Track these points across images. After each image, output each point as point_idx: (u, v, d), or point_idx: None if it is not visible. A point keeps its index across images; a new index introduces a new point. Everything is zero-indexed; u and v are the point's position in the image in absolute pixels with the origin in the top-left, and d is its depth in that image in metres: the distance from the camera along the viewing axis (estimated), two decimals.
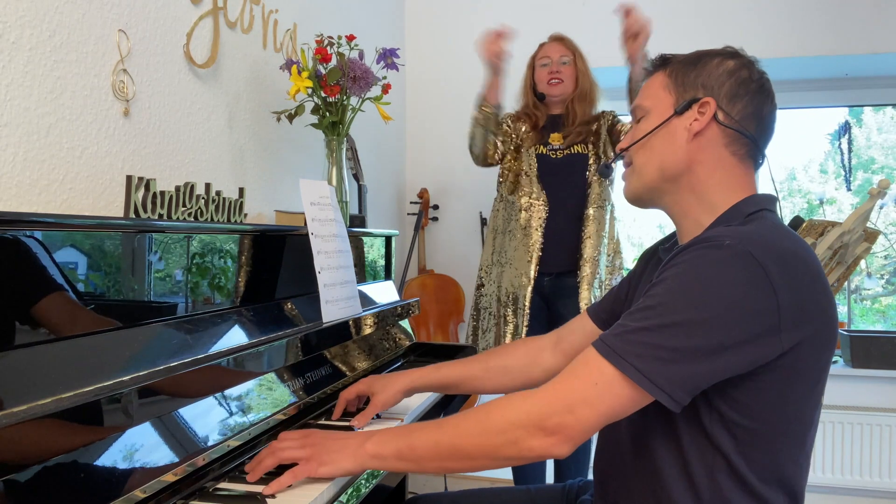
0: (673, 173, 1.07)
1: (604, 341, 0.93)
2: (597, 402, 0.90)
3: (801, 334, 0.91)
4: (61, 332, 0.87)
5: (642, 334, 0.90)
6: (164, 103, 1.54)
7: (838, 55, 2.90)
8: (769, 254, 0.90)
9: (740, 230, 0.95)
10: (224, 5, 1.73)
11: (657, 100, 1.09)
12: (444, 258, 3.26)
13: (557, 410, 0.90)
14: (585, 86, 2.41)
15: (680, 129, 1.06)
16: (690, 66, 1.07)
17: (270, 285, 1.39)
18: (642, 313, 0.92)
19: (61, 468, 0.76)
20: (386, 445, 0.99)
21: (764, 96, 1.06)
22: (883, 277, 3.37)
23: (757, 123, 1.05)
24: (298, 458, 0.99)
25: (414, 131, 3.35)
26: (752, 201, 1.03)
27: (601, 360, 0.91)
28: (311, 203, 1.47)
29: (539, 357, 1.35)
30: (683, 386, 0.89)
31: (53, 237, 0.87)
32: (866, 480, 2.89)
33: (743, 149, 1.05)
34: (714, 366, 0.89)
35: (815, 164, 3.55)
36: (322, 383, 1.36)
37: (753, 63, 1.08)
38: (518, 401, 0.94)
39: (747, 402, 0.93)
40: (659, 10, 3.04)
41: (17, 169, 1.17)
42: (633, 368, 0.89)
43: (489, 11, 3.21)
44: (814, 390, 0.97)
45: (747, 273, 0.89)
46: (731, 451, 0.94)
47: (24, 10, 1.18)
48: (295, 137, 2.11)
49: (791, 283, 0.90)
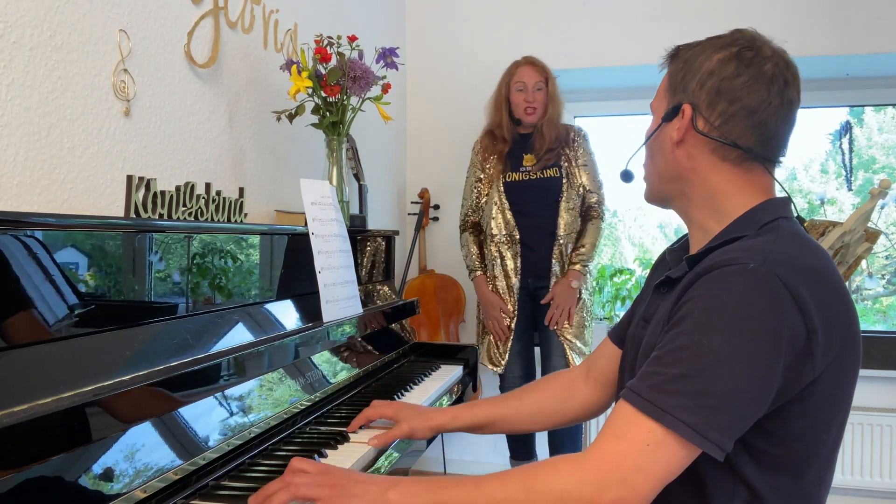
0: (671, 182, 1.04)
1: (641, 395, 0.85)
2: (651, 468, 0.82)
3: (830, 357, 0.87)
4: (61, 331, 0.87)
5: (682, 382, 0.83)
6: (165, 103, 1.54)
7: (839, 55, 2.90)
8: (796, 274, 0.85)
9: (762, 248, 0.89)
10: (225, 5, 1.73)
11: (659, 102, 1.06)
12: (444, 258, 3.26)
13: (611, 483, 0.82)
14: (554, 111, 2.61)
15: (667, 137, 1.02)
16: (683, 65, 1.02)
17: (270, 285, 1.39)
18: (675, 356, 0.85)
19: (61, 468, 0.75)
20: (412, 498, 0.88)
21: (761, 86, 0.95)
22: (884, 277, 3.37)
23: (749, 121, 0.95)
24: (316, 498, 0.89)
25: (414, 131, 3.35)
26: (766, 208, 0.97)
27: (645, 420, 0.83)
28: (312, 203, 1.47)
29: (573, 390, 1.27)
30: (733, 433, 0.83)
31: (54, 237, 0.87)
32: (867, 480, 2.89)
33: (733, 153, 0.97)
34: (760, 403, 0.84)
35: (816, 164, 3.54)
36: (322, 383, 1.36)
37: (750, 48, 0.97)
38: (567, 469, 0.85)
39: (776, 431, 0.88)
40: (658, 10, 3.04)
41: (18, 169, 1.17)
42: (683, 425, 0.81)
43: (489, 11, 3.21)
44: (841, 410, 0.93)
45: (777, 298, 0.84)
46: (757, 480, 0.89)
47: (25, 10, 1.18)
48: (295, 137, 2.11)
49: (819, 305, 0.85)
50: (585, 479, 0.83)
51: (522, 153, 2.63)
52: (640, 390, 0.85)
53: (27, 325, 0.82)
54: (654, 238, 3.79)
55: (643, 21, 3.05)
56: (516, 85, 2.61)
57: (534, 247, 2.60)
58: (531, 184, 2.60)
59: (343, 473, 0.93)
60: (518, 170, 2.63)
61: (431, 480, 0.91)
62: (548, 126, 2.60)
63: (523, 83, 2.60)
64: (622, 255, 3.77)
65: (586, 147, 2.65)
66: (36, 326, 0.83)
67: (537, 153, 2.61)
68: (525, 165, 2.62)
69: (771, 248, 0.89)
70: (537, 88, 2.59)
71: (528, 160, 2.62)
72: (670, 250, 1.13)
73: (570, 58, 3.12)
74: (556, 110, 2.62)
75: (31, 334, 0.82)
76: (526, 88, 2.59)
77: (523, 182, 2.61)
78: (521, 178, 2.62)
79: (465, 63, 3.24)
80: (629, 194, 3.47)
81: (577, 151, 2.62)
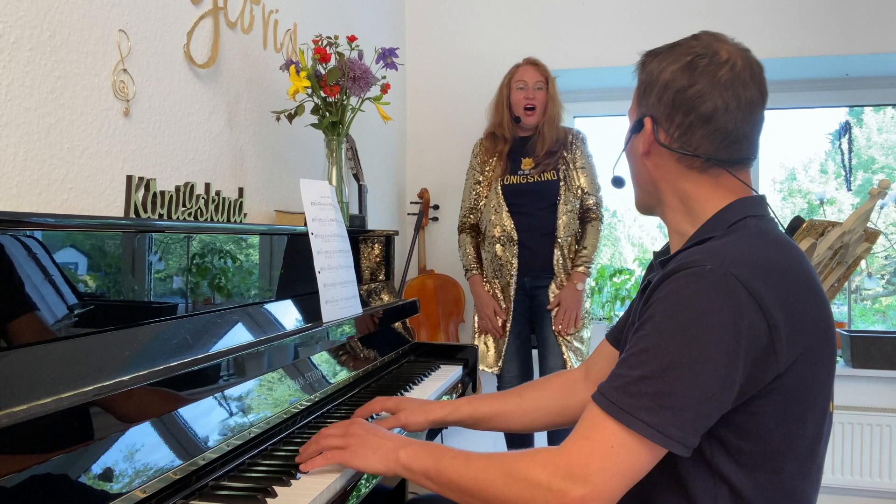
0: (647, 191, 1.06)
1: (606, 396, 0.88)
2: (616, 468, 0.85)
3: (796, 352, 0.88)
4: (60, 332, 0.87)
5: (644, 384, 0.85)
6: (165, 103, 1.54)
7: (839, 55, 2.90)
8: (753, 272, 0.87)
9: (721, 249, 0.90)
10: (224, 5, 1.73)
11: (631, 111, 1.07)
12: (443, 258, 3.26)
13: (577, 481, 0.85)
14: (554, 111, 2.64)
15: (636, 150, 1.05)
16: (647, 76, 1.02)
17: (270, 285, 1.39)
18: (638, 358, 0.88)
19: (62, 467, 0.75)
20: (417, 460, 0.99)
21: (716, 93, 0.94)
22: (883, 277, 3.37)
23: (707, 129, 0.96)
24: (337, 446, 1.04)
25: (414, 131, 3.35)
26: (734, 208, 0.97)
27: (609, 421, 0.86)
28: (312, 203, 1.47)
29: (573, 390, 1.28)
30: (695, 430, 0.85)
31: (53, 237, 0.87)
32: (866, 480, 2.89)
33: (696, 162, 0.98)
34: (722, 401, 0.86)
35: (816, 164, 3.55)
36: (322, 383, 1.36)
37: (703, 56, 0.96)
38: (542, 461, 0.89)
39: (747, 427, 0.90)
40: (658, 10, 3.04)
41: (18, 169, 1.17)
42: (644, 425, 0.84)
43: (489, 12, 3.21)
44: (816, 404, 0.93)
45: (734, 298, 0.85)
46: (736, 476, 0.91)
47: (25, 10, 1.18)
48: (295, 137, 2.11)
49: (780, 300, 0.87)
50: (556, 474, 0.86)
51: (521, 156, 2.67)
52: (606, 391, 0.89)
53: (27, 325, 0.82)
54: (654, 238, 3.79)
55: (642, 21, 3.05)
56: (517, 84, 2.64)
57: (532, 246, 2.62)
58: (529, 187, 2.64)
59: (365, 427, 1.08)
60: (517, 173, 2.66)
61: (436, 447, 1.01)
62: (548, 126, 2.63)
63: (524, 82, 2.63)
64: (622, 256, 3.77)
65: (584, 150, 2.68)
66: (35, 327, 0.83)
67: (536, 157, 2.65)
68: (523, 168, 2.65)
69: (731, 248, 0.91)
70: (538, 87, 2.62)
71: (526, 163, 2.65)
72: (656, 254, 1.16)
73: (569, 58, 3.12)
74: (555, 111, 2.65)
75: (30, 334, 0.82)
76: (526, 87, 2.62)
77: (521, 185, 2.64)
78: (519, 180, 2.65)
79: (464, 63, 3.24)
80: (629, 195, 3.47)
81: (574, 154, 2.65)
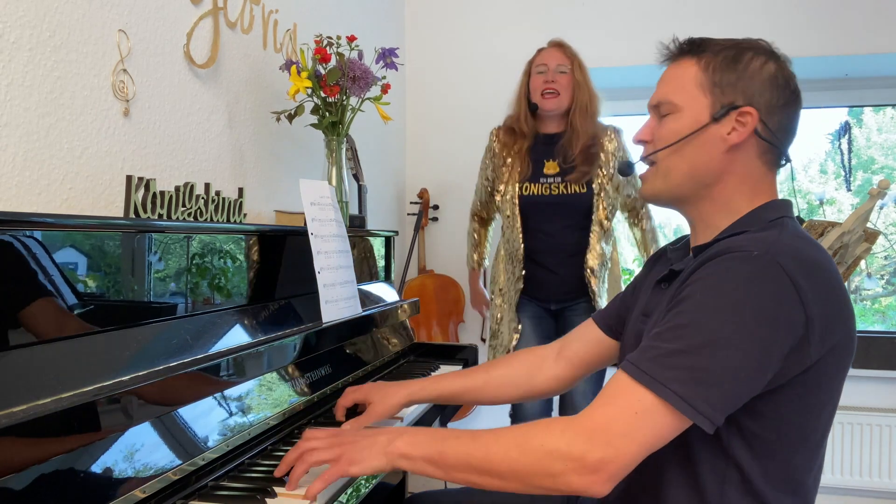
0: (702, 181, 1.02)
1: (637, 366, 0.88)
2: (638, 434, 0.85)
3: (826, 347, 0.90)
4: (60, 332, 0.87)
5: (679, 357, 0.86)
6: (164, 103, 1.54)
7: (838, 55, 2.90)
8: (797, 264, 0.88)
9: (766, 238, 0.92)
10: (224, 5, 1.73)
11: (690, 98, 1.02)
12: (444, 258, 3.26)
13: (598, 444, 0.85)
14: (583, 98, 2.21)
15: (716, 137, 1.00)
16: (730, 65, 1.00)
17: (270, 285, 1.39)
18: (674, 332, 0.88)
19: (61, 468, 0.75)
20: (417, 447, 0.95)
21: (795, 101, 1.02)
22: (883, 278, 3.37)
23: (789, 131, 1.02)
24: (328, 461, 0.96)
25: (414, 131, 3.35)
26: (773, 206, 1.01)
27: (638, 387, 0.87)
28: (311, 203, 1.47)
29: (542, 366, 1.30)
30: (724, 408, 0.86)
31: (53, 237, 0.87)
32: (866, 481, 2.89)
33: (773, 157, 1.02)
34: (753, 384, 0.87)
35: (815, 165, 3.55)
36: (322, 383, 1.36)
37: (788, 64, 1.03)
38: (559, 428, 0.89)
39: (768, 414, 0.91)
40: (657, 10, 3.04)
41: (17, 169, 1.17)
42: (674, 395, 0.84)
43: (489, 11, 3.21)
44: (832, 400, 0.96)
45: (778, 285, 0.87)
46: (748, 462, 0.92)
47: (24, 10, 1.18)
48: (295, 137, 2.10)
49: (818, 295, 0.88)
50: (575, 439, 0.87)
51: (544, 159, 2.22)
52: (638, 361, 0.89)
53: (26, 325, 0.82)
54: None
55: (643, 21, 3.05)
56: (537, 68, 2.24)
57: (555, 270, 2.25)
58: (553, 200, 2.20)
59: (351, 432, 1.02)
60: (538, 180, 2.22)
61: (435, 431, 0.99)
62: (580, 117, 2.18)
63: (545, 65, 2.22)
64: (622, 256, 3.77)
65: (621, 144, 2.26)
66: (35, 326, 0.83)
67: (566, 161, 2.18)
68: (547, 174, 2.21)
69: (775, 239, 0.92)
70: (560, 71, 2.20)
71: (550, 167, 2.21)
72: (672, 248, 1.14)
73: None
74: (585, 98, 2.20)
75: (30, 334, 0.82)
76: (547, 70, 2.21)
77: (543, 198, 2.20)
78: (540, 191, 2.21)
79: (465, 63, 3.24)
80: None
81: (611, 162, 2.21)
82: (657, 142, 1.05)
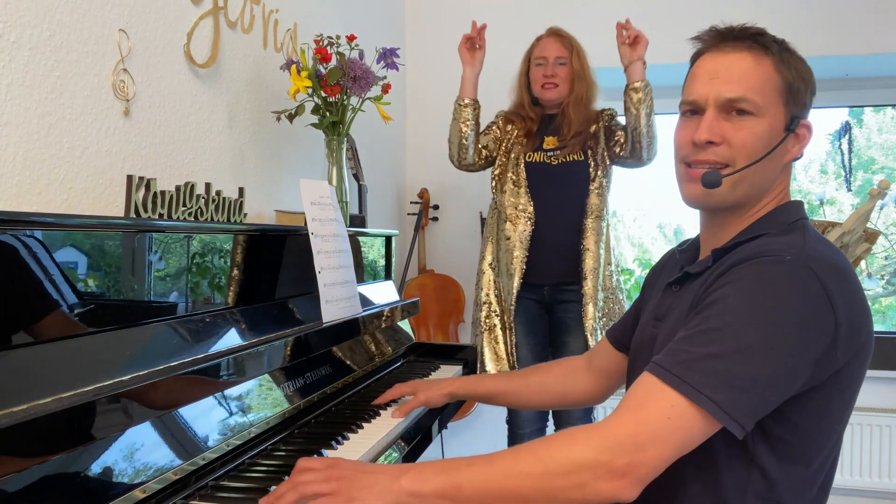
0: (761, 192, 1.00)
1: (669, 370, 0.86)
2: (669, 438, 0.83)
3: (851, 351, 0.90)
4: (61, 331, 0.87)
5: (713, 362, 0.84)
6: (165, 103, 1.54)
7: (839, 55, 2.90)
8: (826, 269, 0.88)
9: (795, 242, 0.92)
10: (224, 5, 1.73)
11: (770, 103, 0.96)
12: (444, 258, 3.26)
13: (627, 449, 0.82)
14: (581, 90, 2.29)
15: (783, 150, 0.98)
16: (796, 73, 0.97)
17: (270, 285, 1.39)
18: (707, 336, 0.86)
19: (61, 467, 0.75)
20: (426, 483, 0.86)
21: None
22: (883, 278, 3.36)
23: None
24: (325, 494, 0.86)
25: (414, 131, 3.34)
26: (790, 208, 1.01)
27: (670, 392, 0.84)
28: (312, 203, 1.47)
29: (576, 376, 1.34)
30: (756, 414, 0.85)
31: (53, 237, 0.87)
32: (866, 481, 2.89)
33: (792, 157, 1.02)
34: (785, 390, 0.86)
35: (816, 165, 3.55)
36: (322, 383, 1.36)
37: None
38: (583, 437, 0.86)
39: (793, 419, 0.91)
40: (657, 10, 3.04)
41: (17, 169, 1.17)
42: (708, 401, 0.82)
43: (489, 11, 3.21)
44: (851, 403, 0.96)
45: (811, 290, 0.86)
46: (771, 465, 0.91)
47: (25, 10, 1.18)
48: (295, 137, 2.10)
49: (845, 300, 0.89)
50: (602, 446, 0.83)
51: (544, 135, 2.34)
52: (668, 365, 0.86)
53: (27, 325, 0.82)
54: (654, 238, 3.79)
55: (643, 22, 3.04)
56: (536, 60, 2.33)
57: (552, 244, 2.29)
58: (554, 169, 2.30)
59: (351, 465, 0.90)
60: (539, 150, 2.33)
61: (443, 463, 0.89)
62: (574, 108, 2.28)
63: (544, 57, 2.31)
64: (622, 256, 3.77)
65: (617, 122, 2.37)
66: (36, 326, 0.83)
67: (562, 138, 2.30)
68: (546, 149, 2.33)
69: (803, 243, 0.92)
70: (559, 63, 2.30)
71: (549, 142, 2.32)
72: (680, 251, 1.13)
73: None
74: (583, 90, 2.29)
75: (30, 334, 0.82)
76: (546, 63, 2.30)
77: (545, 165, 2.30)
78: (542, 159, 2.31)
79: None
80: (629, 194, 3.47)
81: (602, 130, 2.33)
82: (737, 148, 0.96)
